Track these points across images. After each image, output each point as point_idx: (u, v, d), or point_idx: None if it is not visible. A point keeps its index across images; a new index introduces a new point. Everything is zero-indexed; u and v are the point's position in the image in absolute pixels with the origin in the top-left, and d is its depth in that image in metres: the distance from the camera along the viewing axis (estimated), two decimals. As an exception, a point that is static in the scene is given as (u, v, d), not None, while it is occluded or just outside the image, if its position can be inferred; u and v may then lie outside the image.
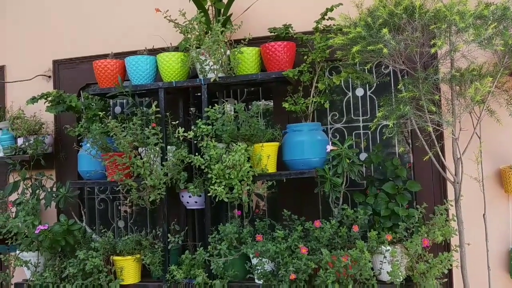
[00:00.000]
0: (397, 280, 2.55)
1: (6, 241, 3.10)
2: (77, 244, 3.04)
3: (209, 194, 2.77)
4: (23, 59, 3.63)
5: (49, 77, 3.56)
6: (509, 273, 2.81)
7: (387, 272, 2.56)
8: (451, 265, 2.62)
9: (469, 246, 2.66)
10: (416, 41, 2.40)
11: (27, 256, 3.09)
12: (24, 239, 3.03)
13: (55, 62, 3.55)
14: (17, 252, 3.09)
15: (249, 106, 3.29)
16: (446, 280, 2.70)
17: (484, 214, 2.74)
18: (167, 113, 2.96)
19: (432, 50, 2.32)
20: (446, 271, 2.60)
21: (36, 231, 2.94)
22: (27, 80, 3.54)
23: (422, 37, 2.42)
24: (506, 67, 2.57)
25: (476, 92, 2.36)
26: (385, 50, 2.33)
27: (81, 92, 3.47)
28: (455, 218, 2.65)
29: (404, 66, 2.55)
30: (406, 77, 2.68)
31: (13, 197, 3.39)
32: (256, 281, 2.77)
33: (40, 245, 3.00)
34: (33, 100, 3.18)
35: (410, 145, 2.99)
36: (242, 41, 2.92)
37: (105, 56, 3.22)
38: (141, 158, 2.90)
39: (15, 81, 3.59)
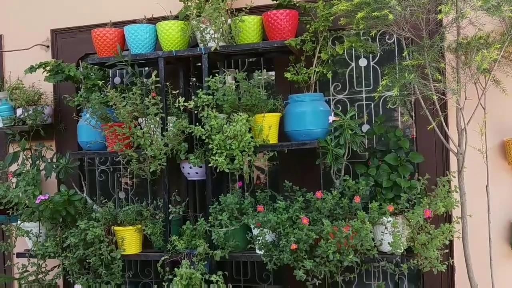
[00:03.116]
0: (398, 251, 2.55)
1: (7, 211, 3.11)
2: (78, 215, 3.04)
3: (210, 165, 2.76)
4: (21, 28, 3.57)
5: (48, 46, 3.50)
6: (510, 245, 2.81)
7: (388, 243, 2.57)
8: (452, 236, 2.62)
9: (471, 218, 2.65)
10: (423, 7, 2.35)
11: (28, 226, 3.10)
12: (25, 209, 3.04)
13: (54, 32, 3.49)
14: (18, 222, 3.10)
15: (251, 80, 3.24)
16: (447, 251, 2.70)
17: (487, 186, 2.72)
18: (167, 83, 2.92)
19: (439, 16, 2.26)
20: (447, 242, 2.61)
21: (37, 201, 2.94)
22: (25, 49, 3.49)
23: (428, 3, 2.36)
24: (514, 36, 2.51)
25: (483, 60, 2.31)
26: (390, 16, 2.28)
27: (80, 62, 3.42)
28: (458, 190, 2.64)
29: (410, 34, 2.49)
30: (411, 45, 2.63)
31: (13, 167, 3.38)
32: (257, 251, 2.78)
33: (41, 215, 3.00)
34: (31, 69, 3.13)
35: (414, 117, 2.96)
36: (243, 9, 2.85)
37: (104, 25, 3.16)
38: (141, 129, 2.88)
39: (12, 50, 3.54)
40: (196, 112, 2.86)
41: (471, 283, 2.62)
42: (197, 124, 2.81)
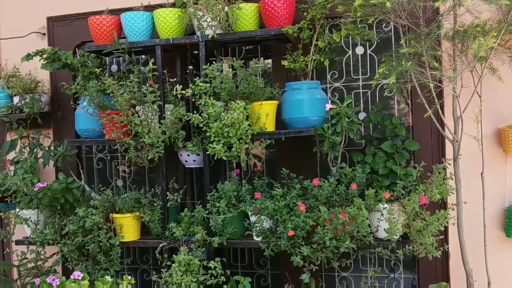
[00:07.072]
0: (394, 237, 2.58)
1: (6, 199, 3.11)
2: (76, 202, 3.05)
3: (207, 153, 2.77)
4: (17, 16, 3.54)
5: (44, 34, 3.48)
6: (504, 231, 2.84)
7: (384, 230, 2.59)
8: (447, 222, 2.65)
9: (466, 204, 2.68)
10: (420, -6, 2.35)
11: (27, 214, 3.11)
12: (24, 197, 3.04)
13: (50, 19, 3.47)
14: (17, 209, 3.11)
15: (248, 68, 3.24)
16: (442, 237, 2.74)
17: (482, 173, 2.75)
18: (165, 71, 2.92)
19: (436, 4, 2.27)
20: (442, 229, 2.64)
21: (35, 189, 2.95)
22: (21, 37, 3.47)
23: (425, -9, 2.36)
24: (510, 24, 2.52)
25: (479, 47, 2.32)
26: (388, 4, 2.28)
27: (76, 49, 3.41)
28: (453, 177, 2.66)
29: (407, 22, 2.49)
30: (408, 33, 2.63)
31: (11, 155, 3.38)
32: (255, 238, 2.80)
33: (39, 202, 3.01)
34: (28, 57, 3.12)
35: (410, 105, 2.97)
36: (240, -4, 2.85)
37: (100, 12, 3.14)
38: (139, 117, 2.88)
39: (9, 38, 3.52)
40: (193, 100, 2.87)
41: (466, 268, 2.65)
42: (195, 112, 2.81)
